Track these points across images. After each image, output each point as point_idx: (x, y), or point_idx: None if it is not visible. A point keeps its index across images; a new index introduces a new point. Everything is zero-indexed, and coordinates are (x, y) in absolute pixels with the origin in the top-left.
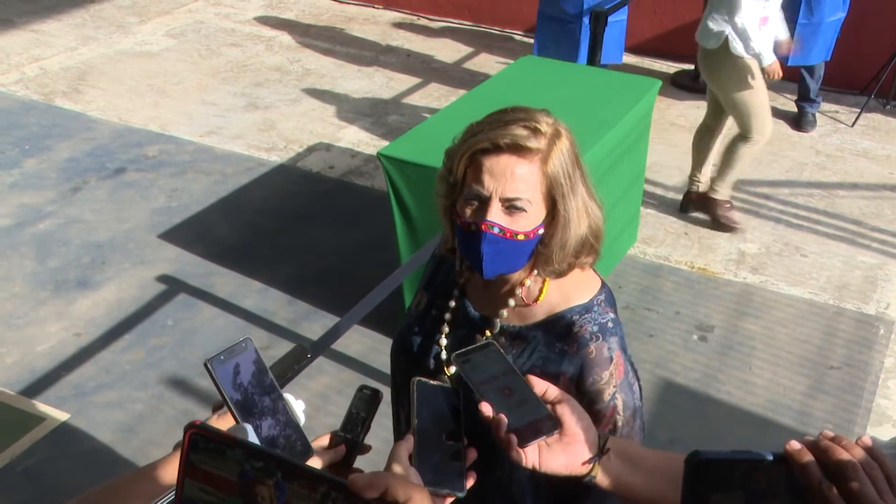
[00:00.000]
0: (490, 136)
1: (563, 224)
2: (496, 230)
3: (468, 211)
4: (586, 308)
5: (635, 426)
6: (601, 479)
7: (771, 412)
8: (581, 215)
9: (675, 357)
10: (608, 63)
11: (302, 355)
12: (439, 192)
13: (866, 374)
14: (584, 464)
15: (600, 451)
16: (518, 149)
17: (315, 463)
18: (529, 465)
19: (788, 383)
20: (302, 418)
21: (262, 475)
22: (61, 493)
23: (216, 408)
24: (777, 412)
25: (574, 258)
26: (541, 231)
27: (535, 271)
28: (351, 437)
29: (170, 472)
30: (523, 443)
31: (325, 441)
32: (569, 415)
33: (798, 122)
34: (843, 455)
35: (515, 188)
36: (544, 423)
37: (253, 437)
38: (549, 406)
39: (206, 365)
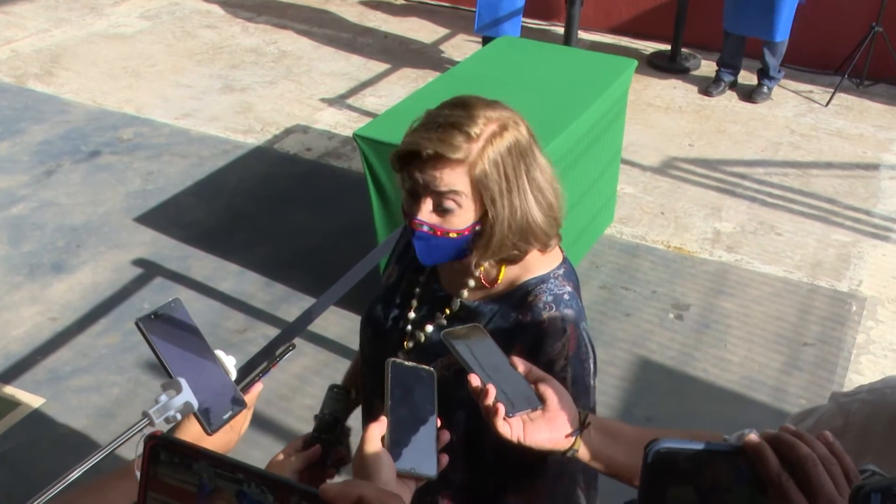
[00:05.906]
0: (417, 139)
1: (496, 222)
2: (426, 228)
3: (407, 202)
4: (542, 279)
5: (585, 404)
6: (583, 452)
7: (746, 389)
8: (515, 212)
9: (651, 335)
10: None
11: (287, 349)
12: (395, 172)
13: (839, 350)
14: (566, 437)
15: (581, 426)
16: (440, 157)
17: (292, 465)
18: (514, 438)
19: (763, 360)
20: (233, 372)
21: (222, 484)
22: (38, 479)
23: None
24: (752, 388)
25: (524, 245)
26: (477, 228)
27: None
28: (325, 436)
29: None
30: (511, 412)
31: (299, 444)
32: (551, 392)
33: (750, 93)
34: (803, 449)
35: (441, 191)
36: (528, 398)
37: (187, 390)
38: (532, 385)
39: (137, 323)
